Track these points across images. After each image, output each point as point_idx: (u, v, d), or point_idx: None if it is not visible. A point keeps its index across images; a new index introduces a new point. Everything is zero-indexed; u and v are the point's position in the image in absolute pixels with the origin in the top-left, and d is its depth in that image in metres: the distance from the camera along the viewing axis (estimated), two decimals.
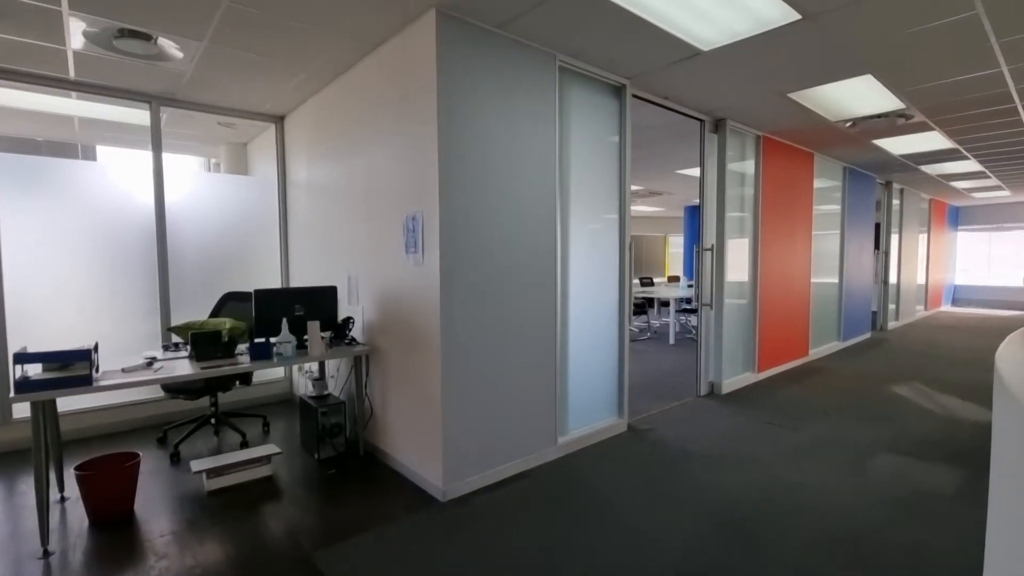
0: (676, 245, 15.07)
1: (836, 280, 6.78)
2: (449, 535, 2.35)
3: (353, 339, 3.29)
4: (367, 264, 3.30)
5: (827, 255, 6.51)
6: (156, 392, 3.89)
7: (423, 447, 2.82)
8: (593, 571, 2.08)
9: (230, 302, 3.82)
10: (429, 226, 2.64)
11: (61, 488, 2.79)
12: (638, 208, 11.73)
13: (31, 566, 2.15)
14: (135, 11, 2.57)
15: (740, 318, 4.95)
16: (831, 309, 6.67)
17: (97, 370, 2.43)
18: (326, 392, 3.45)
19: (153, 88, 3.69)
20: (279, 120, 4.46)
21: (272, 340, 2.89)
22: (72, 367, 2.38)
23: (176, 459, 3.27)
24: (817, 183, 6.05)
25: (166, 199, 3.96)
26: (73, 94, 3.72)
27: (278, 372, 4.59)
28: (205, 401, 3.68)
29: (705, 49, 3.00)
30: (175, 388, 3.39)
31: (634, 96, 3.63)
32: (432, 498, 2.70)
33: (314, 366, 3.75)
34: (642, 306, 7.92)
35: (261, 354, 2.83)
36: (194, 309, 4.08)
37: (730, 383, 4.75)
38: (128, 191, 3.88)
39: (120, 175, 3.87)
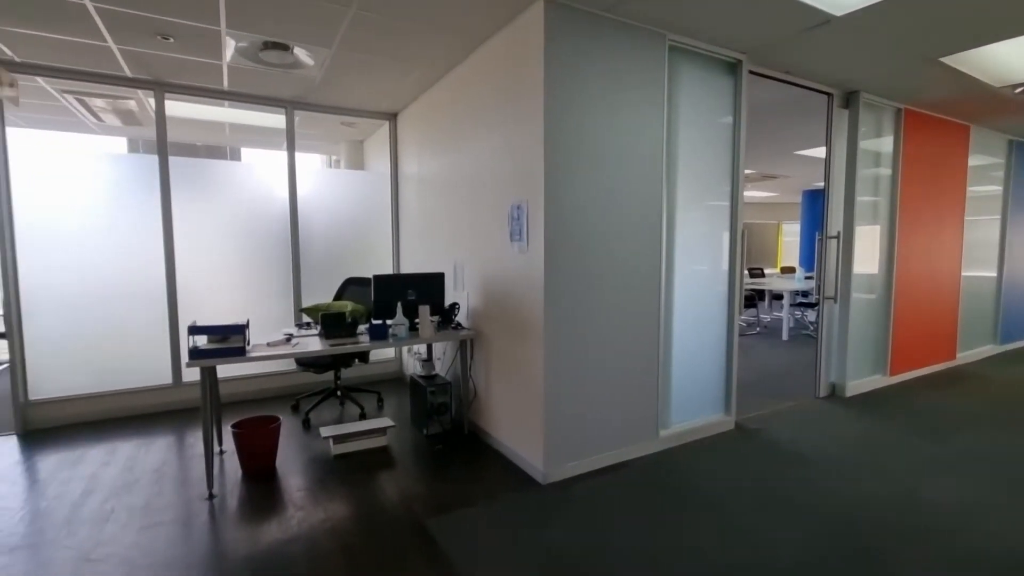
0: (791, 233, 13.85)
1: (994, 274, 5.82)
2: (551, 517, 2.41)
3: (459, 323, 3.46)
4: (472, 252, 3.44)
5: (983, 244, 5.60)
6: (290, 365, 4.40)
7: (524, 430, 2.90)
8: (700, 570, 2.03)
9: (351, 286, 4.20)
10: (534, 214, 2.69)
11: (220, 442, 3.28)
12: (749, 193, 10.93)
13: (200, 505, 2.55)
14: (278, 25, 2.88)
15: (869, 314, 4.45)
16: (986, 307, 5.75)
17: (248, 343, 2.80)
18: (433, 373, 3.67)
19: (288, 94, 4.12)
20: (392, 117, 4.77)
21: (388, 322, 3.13)
22: (229, 340, 2.76)
23: (307, 425, 3.68)
24: (973, 160, 5.21)
25: (297, 194, 4.42)
26: (225, 103, 4.26)
27: (390, 352, 4.96)
28: (330, 375, 4.09)
29: (838, 14, 2.71)
30: (306, 362, 3.81)
31: (751, 72, 3.38)
32: (533, 480, 2.78)
33: (423, 348, 4.01)
34: (751, 299, 7.40)
35: (378, 335, 3.08)
36: (319, 292, 4.54)
37: (856, 385, 4.31)
38: (266, 187, 4.38)
39: (260, 173, 4.39)
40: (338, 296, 4.19)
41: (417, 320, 3.26)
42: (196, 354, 2.58)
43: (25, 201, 3.56)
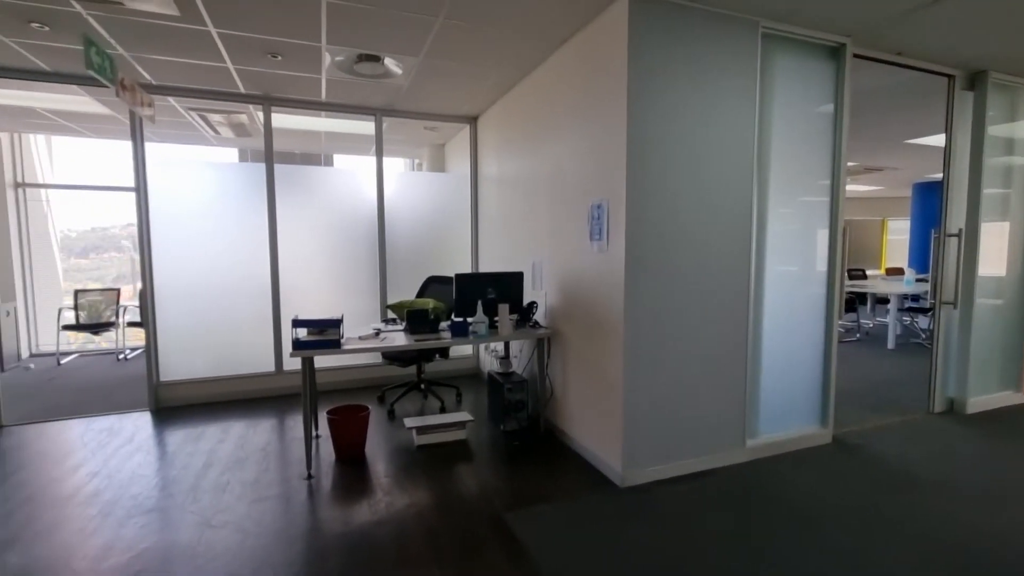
0: (898, 231, 12.54)
1: None
2: (630, 521, 2.37)
3: (536, 322, 3.50)
4: (551, 251, 3.46)
5: None
6: (376, 358, 4.66)
7: (602, 431, 2.88)
8: None
9: (432, 284, 4.37)
10: (614, 214, 2.66)
11: (316, 427, 3.55)
12: (849, 188, 10.02)
13: (300, 484, 2.78)
14: (372, 38, 3.06)
15: (997, 322, 3.93)
16: None
17: (342, 337, 3.01)
18: (511, 370, 3.74)
19: (377, 102, 4.37)
20: (473, 121, 4.91)
21: (468, 320, 3.23)
22: (326, 333, 2.98)
23: (392, 415, 3.88)
24: None
25: (384, 196, 4.68)
26: (322, 113, 4.60)
27: (467, 349, 5.10)
28: (412, 369, 4.28)
29: None
30: (392, 356, 4.02)
31: (856, 56, 3.11)
32: (610, 482, 2.75)
33: (500, 345, 4.09)
34: (851, 302, 6.81)
35: (459, 331, 3.18)
36: (403, 290, 4.76)
37: (979, 401, 3.83)
38: (356, 191, 4.67)
39: (350, 178, 4.69)
40: (420, 294, 4.38)
41: (496, 318, 3.33)
42: (298, 345, 2.81)
43: (158, 207, 4.06)
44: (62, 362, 5.64)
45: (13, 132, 5.64)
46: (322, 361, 4.39)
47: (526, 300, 3.62)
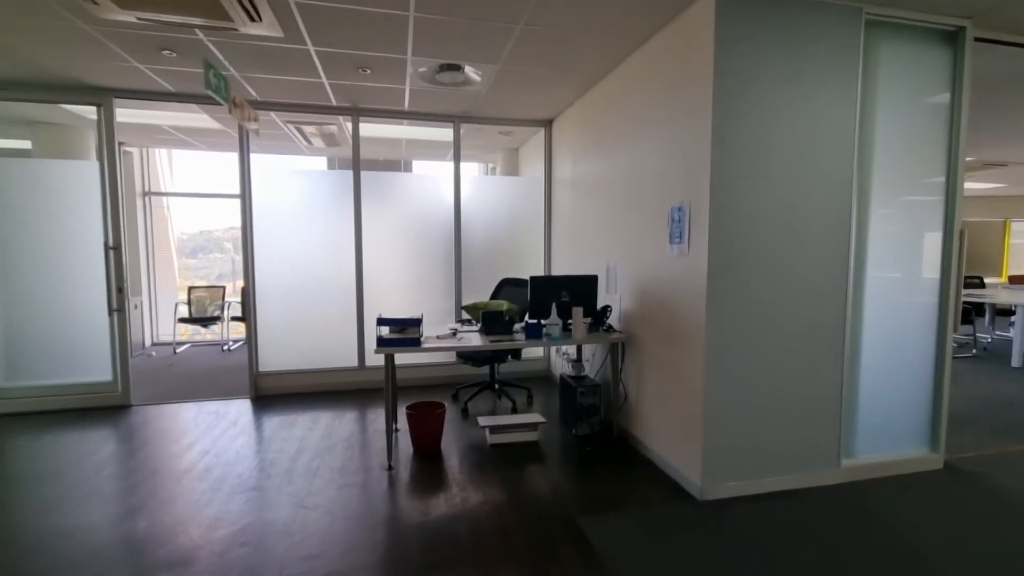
0: (1022, 235, 11.07)
1: None
2: (710, 537, 2.28)
3: (610, 326, 3.45)
4: (626, 254, 3.40)
5: None
6: (450, 357, 4.81)
7: (679, 441, 2.79)
8: None
9: (506, 286, 4.44)
10: (697, 216, 2.57)
11: (395, 421, 3.72)
12: (966, 185, 9.00)
13: (381, 474, 2.93)
14: (454, 48, 3.18)
15: None
16: None
17: (422, 336, 3.14)
18: (583, 374, 3.71)
19: (456, 109, 4.52)
20: (548, 124, 4.93)
21: (542, 322, 3.25)
22: (407, 331, 3.13)
23: (466, 413, 3.99)
24: None
25: (461, 200, 4.82)
26: (404, 121, 4.83)
27: (539, 351, 5.13)
28: (486, 369, 4.37)
29: None
30: (467, 355, 4.13)
31: (977, 40, 2.80)
32: (688, 494, 2.66)
33: (572, 348, 4.07)
34: (966, 314, 6.10)
35: (534, 333, 3.21)
36: (477, 291, 4.88)
37: None
38: (433, 195, 4.84)
39: (428, 183, 4.87)
40: (494, 295, 4.47)
41: (570, 321, 3.33)
42: (382, 343, 2.97)
43: (259, 212, 4.44)
44: (177, 351, 6.33)
45: (142, 147, 6.42)
46: (401, 358, 4.59)
47: (600, 304, 3.59)
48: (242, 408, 4.14)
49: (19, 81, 3.74)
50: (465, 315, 4.33)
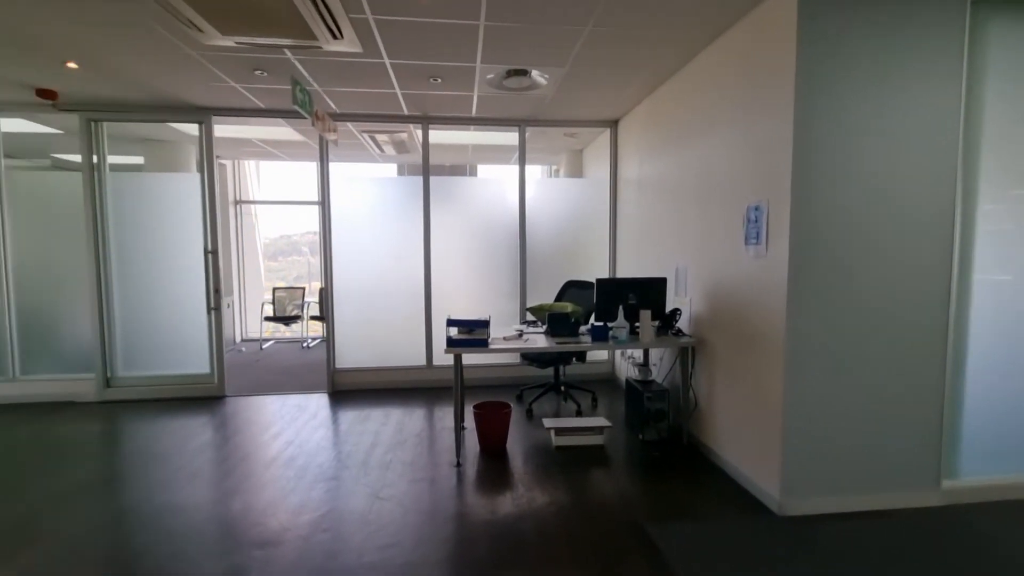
0: None
1: None
2: (790, 555, 2.16)
3: (679, 330, 3.36)
4: (697, 256, 3.30)
5: None
6: (514, 358, 4.87)
7: (755, 451, 2.66)
8: None
9: (571, 288, 4.44)
10: (776, 216, 2.45)
11: (463, 420, 3.82)
12: None
13: (449, 471, 3.02)
14: (522, 53, 3.22)
15: None
16: None
17: (489, 337, 3.20)
18: (650, 378, 3.64)
19: (521, 114, 4.57)
20: (613, 124, 4.88)
21: (609, 325, 3.22)
22: (475, 332, 3.20)
23: (530, 415, 4.02)
24: None
25: (526, 203, 4.86)
26: (471, 127, 4.94)
27: (603, 354, 5.07)
28: (550, 371, 4.38)
29: None
30: (531, 357, 4.16)
31: None
32: (764, 507, 2.54)
33: (638, 352, 4.00)
34: None
35: (600, 336, 3.19)
36: (541, 293, 4.90)
37: None
38: (498, 198, 4.92)
39: (493, 186, 4.95)
40: (559, 297, 4.47)
41: (637, 324, 3.27)
42: (451, 343, 3.06)
43: (336, 217, 4.71)
44: (263, 347, 6.83)
45: (234, 159, 6.99)
46: (467, 358, 4.69)
47: (669, 307, 3.50)
48: (321, 402, 4.41)
49: (136, 103, 4.21)
50: (529, 316, 4.36)
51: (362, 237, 4.77)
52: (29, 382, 4.38)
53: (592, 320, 3.67)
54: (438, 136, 5.30)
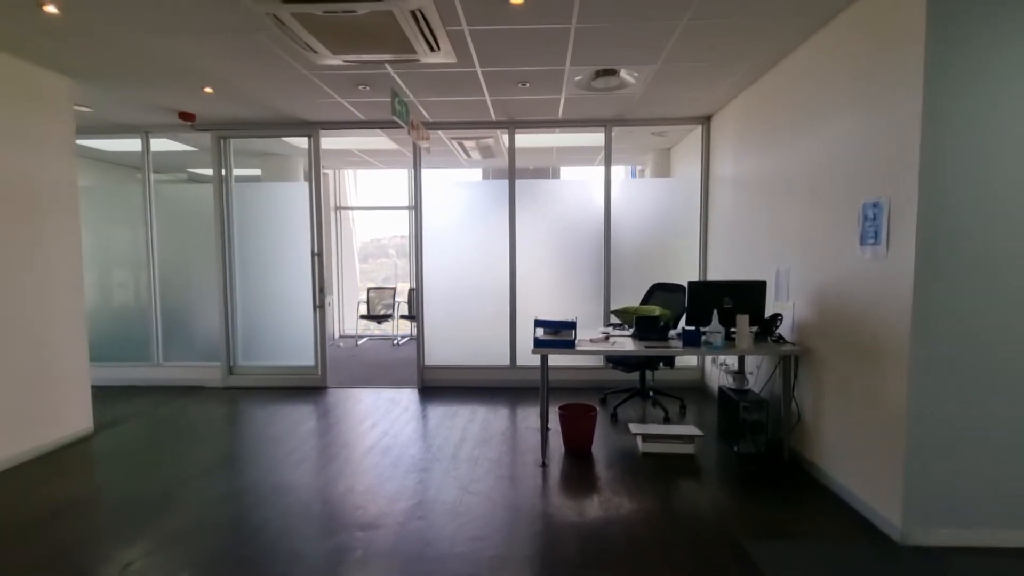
0: None
1: None
2: None
3: (781, 337, 3.15)
4: (801, 257, 3.07)
5: None
6: (597, 361, 4.81)
7: (872, 472, 2.43)
8: None
9: (657, 291, 4.31)
10: (899, 214, 2.22)
11: (547, 421, 3.83)
12: None
13: (535, 470, 3.05)
14: (611, 53, 3.19)
15: None
16: None
17: (575, 338, 3.20)
18: (746, 387, 3.44)
19: (608, 114, 4.52)
20: (705, 121, 4.67)
21: (702, 329, 3.09)
22: (560, 333, 3.21)
23: (615, 419, 3.95)
24: None
25: (611, 204, 4.80)
26: (556, 129, 4.97)
27: (692, 360, 4.87)
28: (635, 375, 4.28)
29: None
30: (616, 360, 4.09)
31: None
32: (883, 534, 2.30)
33: (733, 359, 3.79)
34: None
35: (691, 341, 3.07)
36: (625, 296, 4.80)
37: None
38: (581, 199, 4.89)
39: (576, 188, 4.93)
40: (645, 300, 4.36)
41: (733, 330, 3.11)
42: (538, 344, 3.09)
43: (428, 221, 4.93)
44: (359, 343, 7.31)
45: (336, 169, 7.56)
46: (552, 360, 4.70)
47: (768, 312, 3.29)
48: (411, 397, 4.64)
49: (256, 121, 4.69)
50: (614, 319, 4.29)
51: (450, 240, 4.95)
52: (169, 368, 5.02)
53: (682, 324, 3.54)
54: (523, 140, 5.38)
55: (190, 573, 2.07)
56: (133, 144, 5.02)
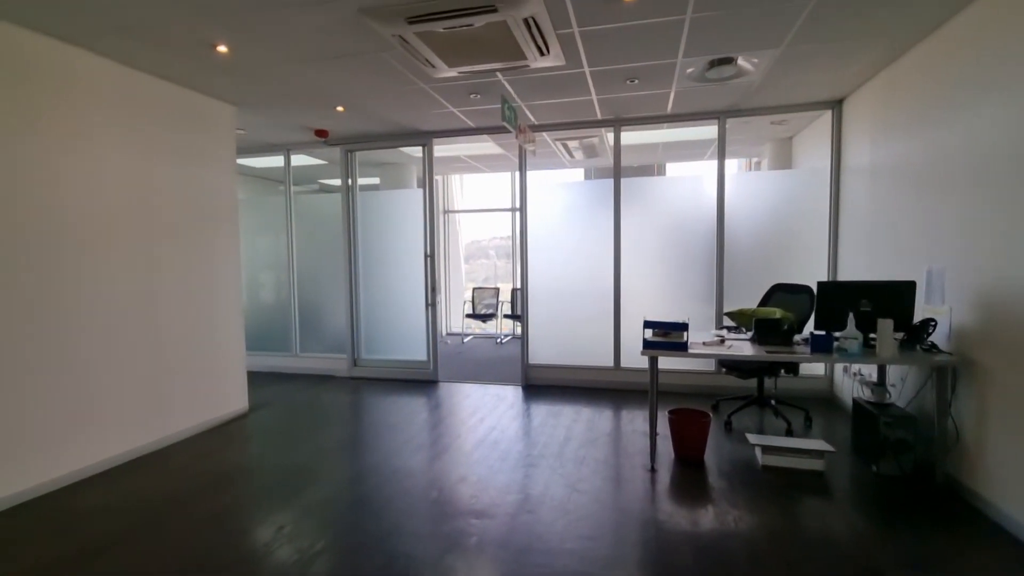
0: None
1: None
2: None
3: (933, 345, 2.76)
4: (960, 256, 2.67)
5: None
6: (708, 365, 4.57)
7: None
8: None
9: (778, 292, 3.99)
10: None
11: (656, 425, 3.73)
12: None
13: (643, 474, 2.98)
14: (729, 41, 3.02)
15: None
16: None
17: (687, 340, 3.08)
18: (887, 401, 3.07)
19: (721, 105, 4.27)
20: (836, 105, 4.24)
21: (835, 334, 2.81)
22: (671, 335, 3.11)
23: (729, 427, 3.73)
24: None
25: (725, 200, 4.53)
26: (664, 125, 4.80)
27: (818, 368, 4.45)
28: (751, 382, 4.01)
29: None
30: (731, 365, 3.86)
31: None
32: None
33: (871, 369, 3.41)
34: None
35: (822, 346, 2.80)
36: (739, 297, 4.51)
37: None
38: (690, 196, 4.67)
39: (687, 184, 4.72)
40: (764, 302, 4.06)
41: (872, 336, 2.79)
42: (648, 345, 3.02)
43: (532, 222, 5.02)
44: (464, 340, 7.64)
45: (445, 175, 7.98)
46: (660, 362, 4.57)
47: (917, 317, 2.90)
48: (516, 394, 4.76)
49: (378, 134, 5.11)
50: (727, 322, 4.05)
51: (554, 240, 5.00)
52: (304, 358, 5.65)
53: (810, 328, 3.26)
54: (628, 137, 5.27)
55: (329, 540, 2.32)
56: (275, 160, 5.72)
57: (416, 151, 5.44)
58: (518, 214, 5.04)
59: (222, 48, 2.97)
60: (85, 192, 3.04)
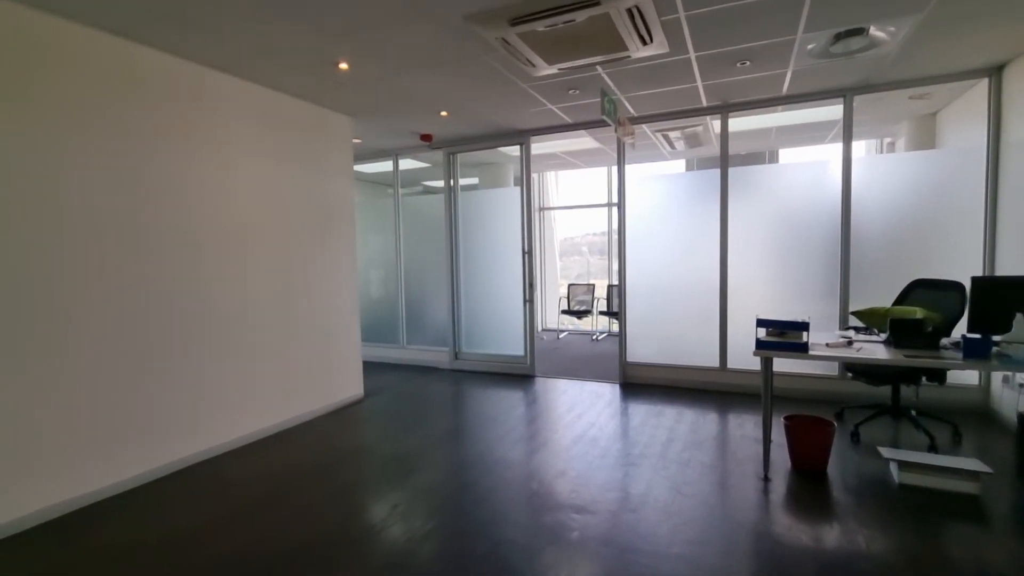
0: None
1: None
2: None
3: None
4: None
5: None
6: (830, 369, 4.17)
7: None
8: None
9: (918, 289, 3.53)
10: None
11: (770, 431, 3.48)
12: None
13: (756, 483, 2.80)
14: (860, 10, 2.72)
15: None
16: None
17: (807, 340, 2.83)
18: None
19: (849, 81, 3.86)
20: (995, 72, 3.64)
21: (995, 338, 2.43)
22: (787, 335, 2.87)
23: (856, 439, 3.37)
24: None
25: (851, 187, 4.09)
26: (778, 108, 4.44)
27: (971, 376, 3.86)
28: (884, 390, 3.59)
29: None
30: (859, 370, 3.49)
31: None
32: None
33: None
34: None
35: (978, 351, 2.43)
36: (868, 295, 4.05)
37: None
38: (808, 184, 4.26)
39: (804, 171, 4.31)
40: (900, 300, 3.60)
41: None
42: (762, 345, 2.82)
43: (631, 217, 4.90)
44: (560, 336, 7.66)
45: (541, 172, 8.05)
46: (774, 365, 4.25)
47: None
48: (614, 392, 4.68)
49: (477, 136, 5.28)
50: (854, 322, 3.66)
51: (654, 235, 4.84)
52: (411, 350, 6.02)
53: (961, 331, 2.85)
54: (736, 123, 4.94)
55: (437, 522, 2.46)
56: (384, 165, 6.13)
57: (513, 150, 5.54)
58: (614, 209, 4.94)
59: (343, 65, 3.25)
60: (222, 198, 3.49)
